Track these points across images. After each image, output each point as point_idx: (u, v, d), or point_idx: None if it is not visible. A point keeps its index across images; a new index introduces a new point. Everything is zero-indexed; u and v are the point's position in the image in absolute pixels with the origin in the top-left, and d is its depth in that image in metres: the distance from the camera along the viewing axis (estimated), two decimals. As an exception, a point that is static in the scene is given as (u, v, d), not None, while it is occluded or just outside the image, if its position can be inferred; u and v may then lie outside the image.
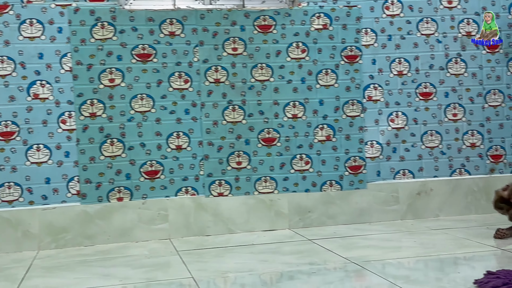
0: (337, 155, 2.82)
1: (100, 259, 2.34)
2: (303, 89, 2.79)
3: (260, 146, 2.75)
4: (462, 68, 2.90)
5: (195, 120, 2.70)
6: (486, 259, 2.13)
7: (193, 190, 2.70)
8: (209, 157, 2.71)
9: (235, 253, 2.35)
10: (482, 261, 2.11)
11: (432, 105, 2.90)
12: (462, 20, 2.90)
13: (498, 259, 2.13)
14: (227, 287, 1.93)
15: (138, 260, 2.29)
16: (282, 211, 2.76)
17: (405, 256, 2.20)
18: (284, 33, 2.76)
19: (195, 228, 2.68)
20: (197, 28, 2.69)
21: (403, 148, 2.88)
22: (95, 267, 2.21)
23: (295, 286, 1.86)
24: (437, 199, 2.88)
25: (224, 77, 2.72)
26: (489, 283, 1.72)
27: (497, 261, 2.12)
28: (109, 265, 2.23)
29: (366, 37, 2.84)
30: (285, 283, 1.95)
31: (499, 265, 2.05)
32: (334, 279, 1.94)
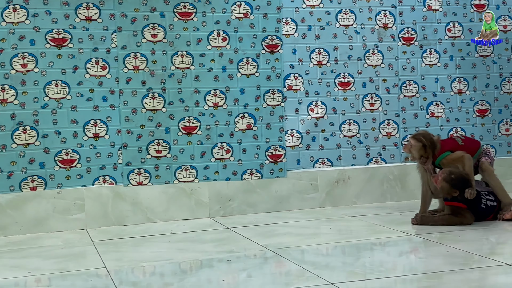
0: (258, 143, 2.83)
1: (11, 251, 2.25)
2: (224, 78, 2.77)
3: (180, 135, 2.73)
4: (379, 59, 2.97)
5: (113, 108, 2.65)
6: (397, 244, 2.18)
7: (111, 179, 2.65)
8: (127, 145, 2.66)
9: (153, 242, 2.32)
10: (394, 246, 2.17)
11: (350, 95, 2.95)
12: (379, 12, 2.96)
13: (408, 244, 2.19)
14: (140, 276, 1.89)
15: (51, 251, 2.22)
16: (202, 200, 2.75)
17: (321, 242, 2.23)
18: (205, 21, 2.74)
19: (113, 217, 2.63)
20: (115, 14, 2.63)
21: (322, 137, 2.92)
22: (5, 259, 2.13)
23: (213, 274, 1.85)
24: (354, 187, 2.93)
25: (144, 64, 2.67)
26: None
27: (406, 246, 2.18)
28: (19, 256, 2.16)
29: (287, 27, 2.85)
30: (200, 272, 1.94)
31: (408, 250, 2.13)
32: (250, 266, 1.94)
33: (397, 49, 2.99)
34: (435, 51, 3.02)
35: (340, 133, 2.94)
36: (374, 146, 2.98)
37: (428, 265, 1.85)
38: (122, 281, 1.81)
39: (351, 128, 2.95)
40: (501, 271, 1.71)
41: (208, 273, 1.89)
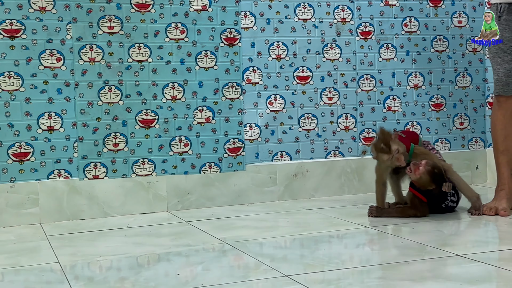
0: (216, 137, 2.83)
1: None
2: (182, 71, 2.76)
3: (138, 128, 2.71)
4: (337, 53, 2.99)
5: (69, 100, 2.61)
6: (353, 236, 2.21)
7: (66, 172, 2.61)
8: (83, 138, 2.63)
9: (109, 236, 2.30)
10: (350, 238, 2.20)
11: (308, 89, 2.97)
12: (338, 7, 2.98)
13: (364, 236, 2.22)
14: (96, 271, 1.88)
15: (3, 246, 2.18)
16: (160, 193, 2.73)
17: (278, 235, 2.24)
18: (163, 13, 2.72)
19: (68, 212, 2.60)
20: (70, 4, 2.58)
21: (281, 131, 2.93)
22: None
23: (170, 268, 1.85)
24: (312, 180, 2.95)
25: (100, 56, 2.64)
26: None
27: (362, 238, 2.21)
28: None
29: (245, 20, 2.85)
30: (157, 265, 1.93)
31: (364, 242, 2.16)
32: (207, 260, 1.94)
33: (355, 43, 3.02)
34: (392, 45, 3.07)
35: (299, 126, 2.95)
36: (332, 140, 3.01)
37: (383, 257, 1.88)
38: (77, 276, 1.79)
39: (309, 121, 2.97)
40: (452, 262, 1.75)
41: (165, 267, 1.88)
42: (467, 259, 1.76)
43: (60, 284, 1.68)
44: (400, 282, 1.59)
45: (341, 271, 1.71)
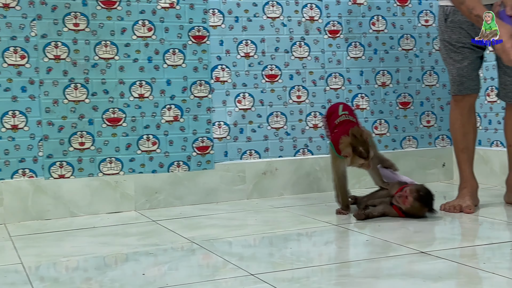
0: (185, 135, 2.82)
1: None
2: (150, 69, 2.75)
3: (104, 126, 2.69)
4: (305, 51, 3.01)
5: (33, 99, 2.58)
6: (321, 234, 2.22)
7: (31, 172, 2.58)
8: (49, 137, 2.60)
9: (75, 236, 2.28)
10: (318, 236, 2.21)
11: (277, 87, 2.98)
12: (306, 5, 3.00)
13: (331, 234, 2.24)
14: (62, 271, 1.86)
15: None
16: (128, 192, 2.72)
17: (247, 234, 2.24)
18: (130, 10, 2.70)
19: (33, 212, 2.56)
20: (34, 1, 2.55)
21: (250, 129, 2.94)
22: None
23: (137, 267, 1.83)
24: (281, 178, 2.96)
25: (65, 53, 2.61)
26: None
27: (329, 235, 2.22)
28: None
29: (214, 18, 2.85)
30: (124, 265, 1.92)
31: (331, 240, 2.17)
32: (174, 259, 1.94)
33: (323, 42, 3.04)
34: (360, 44, 3.09)
35: (268, 125, 2.97)
36: (301, 138, 3.03)
37: (349, 254, 1.90)
38: (42, 277, 1.77)
39: (278, 120, 2.99)
40: (416, 259, 1.77)
41: (132, 267, 1.87)
42: (431, 256, 1.79)
43: (24, 285, 1.65)
44: (365, 280, 1.61)
45: (308, 269, 1.72)
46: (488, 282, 1.54)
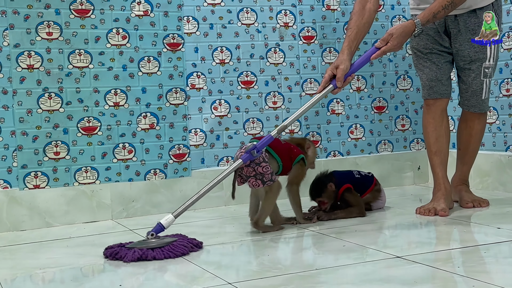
0: (161, 143, 2.82)
1: None
2: (125, 77, 2.74)
3: (80, 136, 2.67)
4: (280, 57, 3.03)
5: (6, 109, 2.55)
6: (299, 240, 2.23)
7: (5, 183, 2.56)
8: (23, 147, 2.58)
9: (51, 247, 2.25)
10: (295, 242, 2.22)
11: (253, 93, 2.99)
12: (280, 11, 3.01)
13: (309, 240, 2.24)
14: (36, 283, 1.84)
15: None
16: (104, 201, 2.71)
17: (224, 241, 2.23)
18: (103, 18, 2.69)
19: (8, 223, 2.54)
20: (6, 10, 2.53)
21: (226, 136, 2.95)
22: None
23: (114, 278, 1.83)
24: (259, 184, 2.97)
25: (39, 63, 2.60)
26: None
27: (307, 241, 2.23)
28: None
29: (188, 25, 2.85)
30: (101, 276, 1.91)
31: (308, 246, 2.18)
32: (151, 269, 1.93)
33: (298, 47, 3.06)
34: (334, 49, 3.12)
35: (244, 131, 2.97)
36: (277, 144, 3.04)
37: (325, 260, 1.90)
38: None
39: (254, 126, 3.00)
40: (392, 263, 1.79)
41: (109, 277, 1.86)
42: (407, 260, 1.80)
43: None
44: (342, 286, 1.62)
45: (286, 276, 1.72)
46: (463, 286, 1.56)
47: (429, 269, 1.72)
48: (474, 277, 1.60)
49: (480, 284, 1.55)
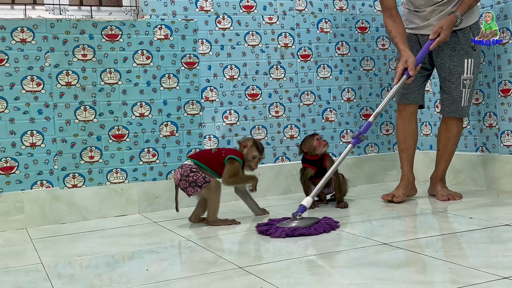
0: (180, 147, 2.82)
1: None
2: (149, 91, 2.75)
3: (111, 142, 2.68)
4: (281, 73, 3.02)
5: (48, 120, 2.56)
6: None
7: (48, 183, 2.56)
8: (62, 152, 2.59)
9: (87, 238, 2.26)
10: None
11: (258, 104, 2.99)
12: (281, 34, 3.01)
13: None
14: (77, 268, 1.84)
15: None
16: (132, 198, 2.71)
17: (235, 231, 2.21)
18: (130, 42, 2.70)
19: (50, 217, 2.55)
20: (47, 36, 2.55)
21: (235, 141, 2.93)
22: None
23: (141, 264, 1.83)
24: (264, 182, 2.95)
25: (75, 80, 2.61)
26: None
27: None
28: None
29: (202, 47, 2.86)
30: (130, 262, 1.90)
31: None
32: (173, 256, 1.94)
33: (296, 64, 3.06)
34: (327, 66, 3.11)
35: (251, 136, 2.97)
36: (280, 147, 3.04)
37: (322, 247, 1.89)
38: (59, 274, 1.75)
39: (260, 132, 2.99)
40: (379, 249, 1.78)
41: (137, 263, 1.86)
42: (392, 246, 1.80)
43: (44, 282, 1.65)
44: (336, 269, 1.62)
45: (289, 261, 1.72)
46: (441, 268, 1.56)
47: (412, 254, 1.72)
48: (450, 261, 1.60)
49: (456, 266, 1.54)
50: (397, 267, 1.57)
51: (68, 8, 2.67)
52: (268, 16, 2.97)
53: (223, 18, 2.89)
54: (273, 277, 1.55)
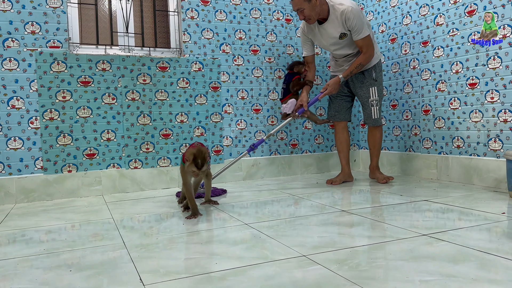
0: (207, 144, 2.81)
1: (55, 208, 2.14)
2: (187, 105, 2.74)
3: (160, 139, 2.67)
4: (276, 96, 3.01)
5: (119, 123, 2.56)
6: (284, 200, 2.19)
7: (117, 165, 2.56)
8: (128, 145, 2.58)
9: (143, 202, 2.25)
10: (281, 201, 2.16)
11: (260, 116, 2.96)
12: (276, 69, 3.00)
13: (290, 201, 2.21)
14: (134, 222, 1.84)
15: (80, 208, 2.13)
16: (174, 177, 2.70)
17: (242, 200, 2.20)
18: (175, 72, 2.70)
19: (119, 188, 2.54)
20: (120, 66, 2.55)
21: (244, 140, 2.93)
22: (52, 213, 2.02)
23: (180, 221, 1.80)
24: (262, 168, 2.96)
25: (138, 96, 2.60)
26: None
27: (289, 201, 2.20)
28: (60, 212, 2.05)
29: (223, 77, 2.85)
30: (172, 219, 1.89)
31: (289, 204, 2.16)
32: (201, 218, 1.92)
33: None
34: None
35: (254, 137, 2.96)
36: (274, 145, 3.03)
37: (300, 212, 1.88)
38: (124, 225, 1.75)
39: (260, 135, 2.98)
40: (339, 214, 1.78)
41: (176, 220, 1.85)
42: (349, 213, 1.80)
43: (114, 231, 1.65)
44: (310, 227, 1.61)
45: (278, 220, 1.72)
46: (381, 227, 1.55)
47: (362, 218, 1.71)
48: (387, 223, 1.59)
49: (389, 226, 1.54)
50: (351, 226, 1.57)
51: (134, 48, 2.67)
52: (268, 57, 2.96)
53: (238, 58, 2.88)
54: (267, 231, 1.55)
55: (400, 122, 2.92)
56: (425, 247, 1.29)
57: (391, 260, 1.19)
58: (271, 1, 2.96)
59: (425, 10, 2.65)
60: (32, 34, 2.32)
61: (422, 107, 2.74)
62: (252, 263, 1.20)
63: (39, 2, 2.33)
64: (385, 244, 1.34)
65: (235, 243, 1.40)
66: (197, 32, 2.74)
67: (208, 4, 2.77)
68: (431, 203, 1.92)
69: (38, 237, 1.60)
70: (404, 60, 2.82)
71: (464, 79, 2.42)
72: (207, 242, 1.43)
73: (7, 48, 2.29)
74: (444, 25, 2.53)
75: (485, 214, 1.67)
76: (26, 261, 1.31)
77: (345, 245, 1.34)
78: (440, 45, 2.57)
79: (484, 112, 2.32)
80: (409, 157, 2.84)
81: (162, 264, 1.22)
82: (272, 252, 1.29)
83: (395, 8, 2.89)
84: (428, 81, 2.67)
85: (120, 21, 2.65)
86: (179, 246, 1.39)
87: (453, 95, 2.50)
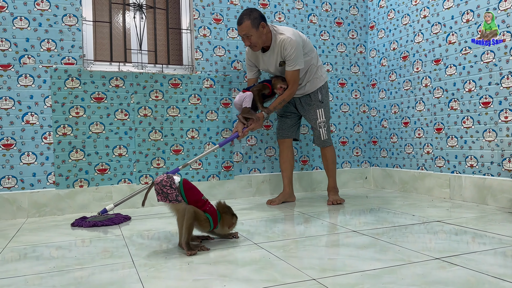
0: (217, 159, 2.82)
1: (66, 224, 2.16)
2: (198, 122, 2.76)
3: (171, 154, 2.69)
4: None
5: (131, 138, 2.59)
6: (295, 218, 2.17)
7: (129, 180, 2.58)
8: (139, 160, 2.61)
9: (152, 219, 2.25)
10: (292, 220, 2.14)
11: (270, 133, 2.98)
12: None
13: (300, 219, 2.19)
14: (143, 239, 1.84)
15: (90, 224, 2.14)
16: (184, 192, 2.71)
17: (252, 218, 2.19)
18: (187, 88, 2.73)
19: (129, 203, 2.55)
20: (133, 83, 2.59)
21: (254, 156, 2.94)
22: (62, 229, 2.03)
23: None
24: (272, 185, 2.95)
25: (150, 112, 2.64)
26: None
27: (300, 219, 2.18)
28: (71, 227, 2.07)
29: (234, 93, 2.87)
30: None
31: (299, 222, 2.14)
32: (209, 233, 1.91)
33: (297, 107, 3.04)
34: (318, 108, 3.09)
35: (265, 154, 2.96)
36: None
37: (311, 231, 1.86)
38: (133, 242, 1.75)
39: (270, 151, 2.97)
40: (351, 235, 1.75)
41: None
42: (359, 233, 1.77)
43: (123, 248, 1.65)
44: (319, 248, 1.59)
45: (287, 240, 1.70)
46: (393, 249, 1.52)
47: (373, 239, 1.68)
48: (399, 245, 1.56)
49: (401, 249, 1.50)
50: (362, 248, 1.54)
51: (147, 65, 2.72)
52: (279, 74, 2.99)
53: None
54: (276, 252, 1.53)
55: (412, 140, 2.89)
56: (438, 272, 1.26)
57: (403, 285, 1.17)
58: (283, 19, 2.99)
59: (437, 28, 2.65)
60: (47, 51, 2.38)
61: (434, 125, 2.71)
62: (261, 286, 1.19)
63: (55, 20, 2.40)
64: (397, 268, 1.31)
65: (244, 264, 1.39)
66: (209, 50, 2.78)
67: (221, 22, 2.82)
68: (443, 224, 1.88)
69: (49, 253, 1.61)
70: (416, 78, 2.81)
71: (477, 97, 2.40)
72: (215, 263, 1.42)
73: (23, 64, 2.35)
74: (457, 44, 2.52)
75: (499, 237, 1.63)
76: (36, 278, 1.32)
77: (355, 268, 1.32)
78: (452, 63, 2.56)
79: (498, 131, 2.29)
80: (421, 175, 2.80)
81: (170, 285, 1.22)
82: (282, 274, 1.28)
83: (407, 26, 2.89)
84: (440, 99, 2.65)
85: (134, 39, 2.70)
86: (187, 266, 1.39)
87: (466, 114, 2.48)
